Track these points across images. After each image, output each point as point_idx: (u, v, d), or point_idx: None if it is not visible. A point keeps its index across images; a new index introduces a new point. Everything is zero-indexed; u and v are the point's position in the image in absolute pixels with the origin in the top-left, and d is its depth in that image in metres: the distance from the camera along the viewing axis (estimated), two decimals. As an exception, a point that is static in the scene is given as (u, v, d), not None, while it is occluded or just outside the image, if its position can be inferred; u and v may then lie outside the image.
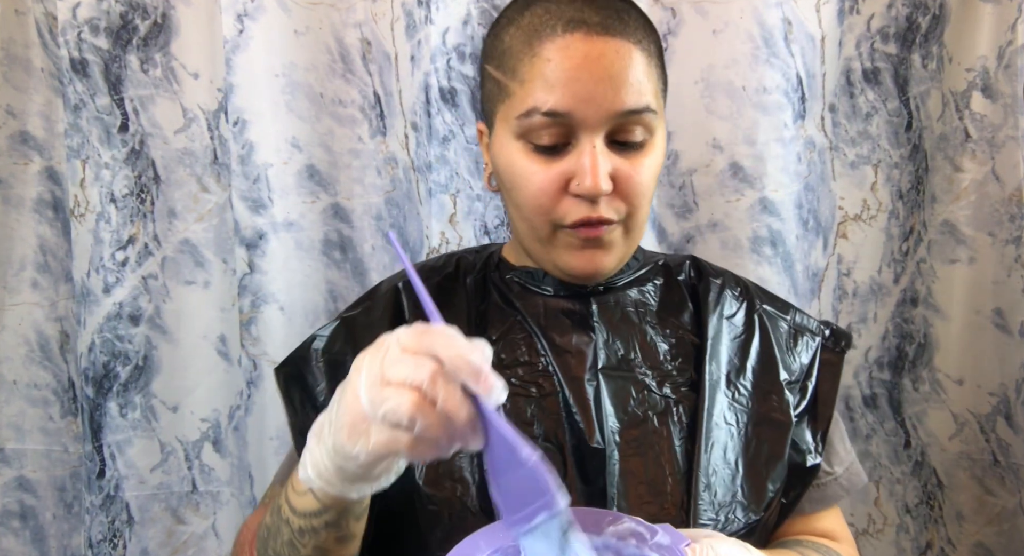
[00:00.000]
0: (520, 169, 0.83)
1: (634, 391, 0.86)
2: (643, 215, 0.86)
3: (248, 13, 1.26)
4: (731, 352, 0.90)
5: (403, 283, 0.95)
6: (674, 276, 0.96)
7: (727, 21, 1.28)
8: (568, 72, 0.79)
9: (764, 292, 0.99)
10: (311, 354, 0.93)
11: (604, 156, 0.81)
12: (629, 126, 0.82)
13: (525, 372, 0.87)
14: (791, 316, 0.96)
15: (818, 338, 0.95)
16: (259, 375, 1.32)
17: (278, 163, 1.29)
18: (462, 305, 0.92)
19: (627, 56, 0.80)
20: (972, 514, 1.36)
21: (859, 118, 1.36)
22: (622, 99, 0.80)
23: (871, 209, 1.38)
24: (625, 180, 0.82)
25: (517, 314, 0.91)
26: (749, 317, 0.93)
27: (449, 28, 1.30)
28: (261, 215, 1.29)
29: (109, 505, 1.37)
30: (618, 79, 0.79)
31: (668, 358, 0.89)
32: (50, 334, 1.39)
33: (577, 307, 0.90)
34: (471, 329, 0.90)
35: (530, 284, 0.92)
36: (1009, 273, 1.30)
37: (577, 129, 0.81)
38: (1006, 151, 1.29)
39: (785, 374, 0.91)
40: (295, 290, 1.32)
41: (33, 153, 1.36)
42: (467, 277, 0.95)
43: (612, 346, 0.88)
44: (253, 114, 1.28)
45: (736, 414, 0.87)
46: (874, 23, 1.34)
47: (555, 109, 0.79)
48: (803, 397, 0.91)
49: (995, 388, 1.33)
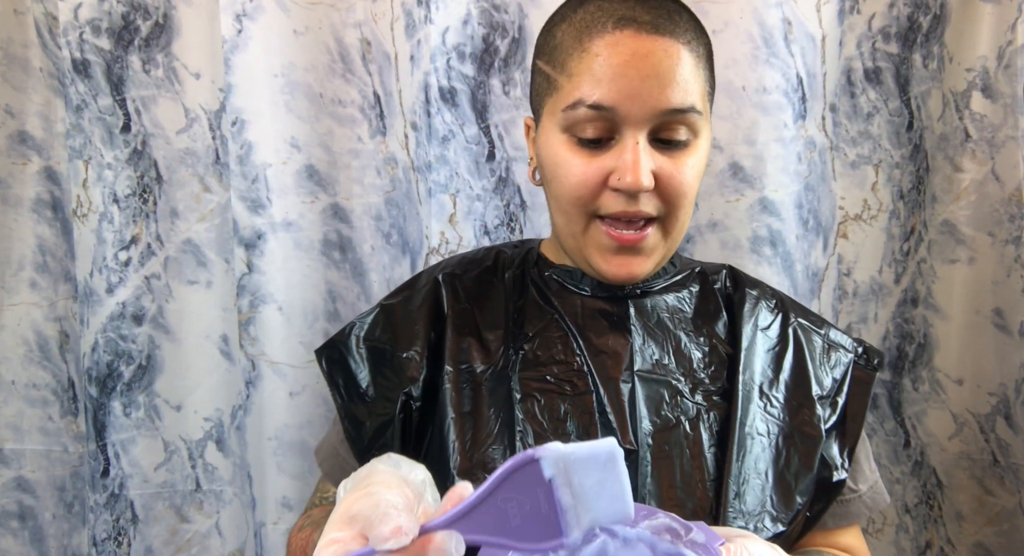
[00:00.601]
0: (563, 161, 0.84)
1: (667, 395, 0.87)
2: (683, 216, 0.86)
3: (247, 13, 1.26)
4: (765, 363, 0.90)
5: (443, 275, 0.96)
6: (710, 284, 0.96)
7: (727, 21, 1.28)
8: (616, 68, 0.80)
9: (798, 306, 0.99)
10: (352, 340, 0.95)
11: (647, 153, 0.81)
12: (673, 125, 0.82)
13: (560, 370, 0.88)
14: (825, 331, 0.96)
15: (851, 355, 0.94)
16: (258, 375, 1.32)
17: (277, 163, 1.29)
18: (500, 300, 0.94)
19: (675, 55, 0.81)
20: (972, 514, 1.36)
21: (860, 118, 1.36)
22: (668, 97, 0.81)
23: (872, 209, 1.39)
24: (667, 179, 0.83)
25: (554, 312, 0.91)
26: (784, 330, 0.93)
27: (449, 27, 1.30)
28: (260, 215, 1.29)
29: (113, 504, 1.38)
30: (665, 77, 0.80)
31: (701, 366, 0.89)
32: (49, 334, 1.39)
33: (614, 309, 0.91)
34: (508, 324, 0.91)
35: (568, 282, 0.93)
36: (1009, 273, 1.30)
37: (621, 125, 0.81)
38: (1006, 151, 1.29)
39: (817, 389, 0.91)
40: (294, 290, 1.32)
41: (32, 153, 1.35)
42: (505, 272, 0.96)
43: (647, 349, 0.89)
44: (252, 114, 1.28)
45: (768, 425, 0.87)
46: (875, 23, 1.34)
47: (600, 103, 0.80)
48: (833, 413, 0.90)
49: (995, 388, 1.33)
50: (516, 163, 1.32)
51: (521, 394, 0.86)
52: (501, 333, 0.91)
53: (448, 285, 0.95)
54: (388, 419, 0.89)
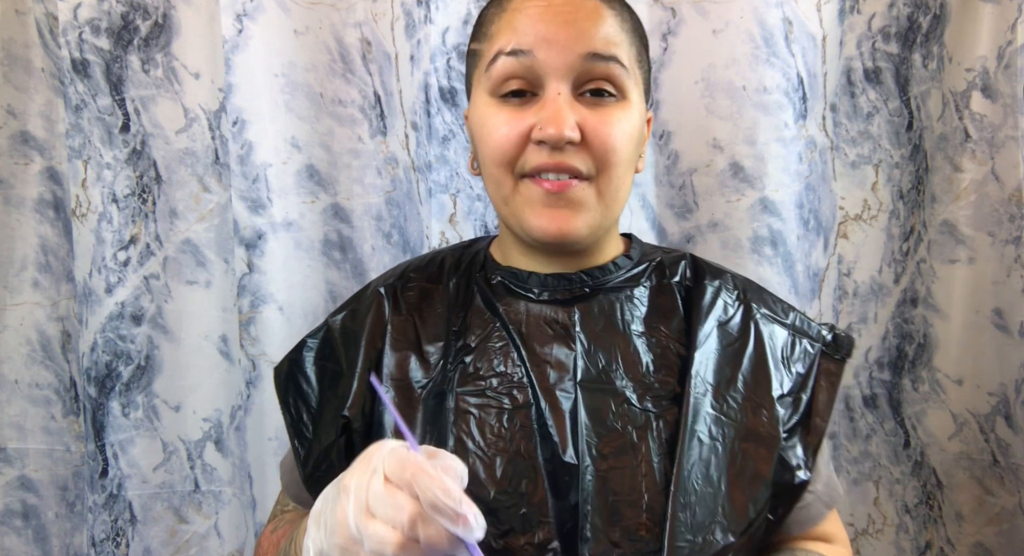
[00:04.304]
0: (488, 121, 0.83)
1: (613, 405, 0.82)
2: (615, 177, 0.83)
3: (247, 13, 1.26)
4: (722, 362, 0.86)
5: (384, 288, 0.94)
6: (668, 278, 0.92)
7: (727, 21, 1.28)
8: (532, 15, 0.81)
9: (764, 294, 0.94)
10: (304, 358, 0.93)
11: (569, 105, 0.80)
12: (595, 75, 0.81)
13: (500, 383, 0.85)
14: (792, 320, 0.91)
15: (818, 344, 0.90)
16: (258, 375, 1.32)
17: (277, 163, 1.29)
18: (443, 310, 0.91)
19: (594, 8, 0.82)
20: (971, 514, 1.36)
21: (860, 118, 1.36)
22: (586, 42, 0.80)
23: (872, 209, 1.38)
24: (592, 131, 0.80)
25: (497, 320, 0.88)
26: (745, 323, 0.89)
27: (449, 27, 1.30)
28: (260, 215, 1.29)
29: (112, 504, 1.38)
30: (583, 24, 0.80)
31: (651, 370, 0.85)
32: (51, 334, 1.39)
33: (560, 316, 0.87)
34: (449, 337, 0.88)
35: (514, 284, 0.90)
36: (1009, 273, 1.30)
37: (543, 76, 0.81)
38: (1006, 151, 1.29)
39: (778, 387, 0.86)
40: (294, 290, 1.33)
41: (34, 153, 1.36)
42: (450, 280, 0.93)
43: (593, 357, 0.85)
44: (252, 114, 1.28)
45: (723, 428, 0.82)
46: (875, 23, 1.34)
47: (518, 47, 0.80)
48: (796, 410, 0.86)
49: (995, 388, 1.33)
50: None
51: (456, 412, 0.83)
52: (441, 346, 0.88)
53: (390, 297, 0.93)
54: (331, 442, 0.87)
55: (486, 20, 0.87)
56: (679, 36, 1.31)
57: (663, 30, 1.32)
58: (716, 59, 1.29)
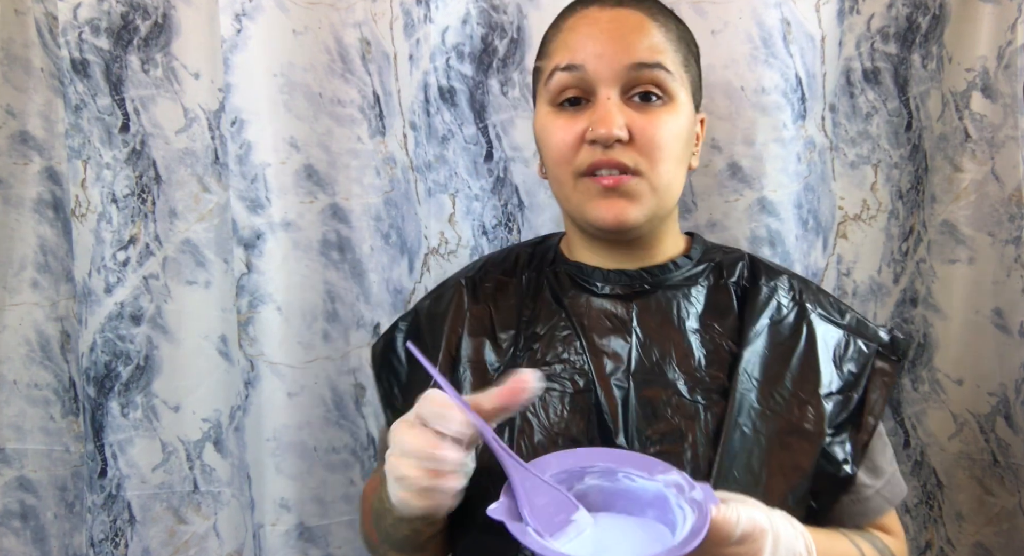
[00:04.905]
0: (548, 127, 0.94)
1: (664, 395, 0.89)
2: (665, 172, 0.91)
3: (246, 12, 1.25)
4: (772, 359, 0.91)
5: (465, 279, 1.05)
6: (726, 278, 0.98)
7: (726, 21, 1.28)
8: (583, 33, 0.92)
9: (820, 296, 0.99)
10: (395, 338, 1.06)
11: (618, 108, 0.89)
12: (642, 81, 0.90)
13: (563, 369, 0.93)
14: (848, 320, 0.96)
15: (873, 345, 0.94)
16: (256, 376, 1.31)
17: (276, 163, 1.28)
18: (515, 301, 1.00)
19: (639, 22, 0.92)
20: (971, 514, 1.36)
21: (859, 118, 1.36)
22: (632, 53, 0.90)
23: (871, 209, 1.38)
24: (640, 131, 0.89)
25: (563, 312, 0.96)
26: (798, 323, 0.94)
27: (448, 27, 1.30)
28: (259, 215, 1.29)
29: (111, 504, 1.37)
30: (629, 37, 0.90)
31: (703, 365, 0.91)
32: (51, 334, 1.40)
33: (619, 310, 0.95)
34: (520, 325, 0.98)
35: (580, 278, 0.98)
36: (1009, 273, 1.30)
37: (594, 84, 0.91)
38: (1006, 151, 1.29)
39: (827, 384, 0.91)
40: (293, 290, 1.32)
41: (33, 153, 1.36)
42: (523, 273, 1.03)
43: (648, 350, 0.92)
44: (251, 114, 1.27)
45: (767, 422, 0.87)
46: (874, 23, 1.34)
47: (571, 62, 0.91)
48: (845, 408, 0.91)
49: (995, 388, 1.33)
50: (514, 163, 1.32)
51: None
52: (513, 333, 0.97)
53: (469, 288, 1.03)
54: None
55: (547, 40, 0.98)
56: (678, 36, 1.31)
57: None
58: (715, 59, 1.29)
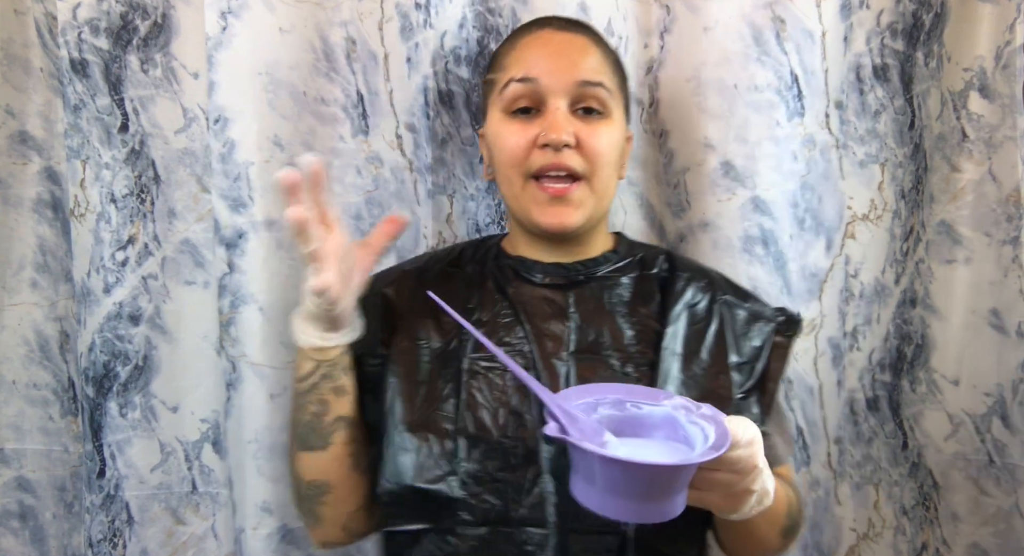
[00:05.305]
0: (502, 132, 1.06)
1: (600, 370, 1.01)
2: (605, 177, 1.05)
3: (232, 10, 1.24)
4: (689, 336, 1.05)
5: (412, 268, 1.15)
6: (648, 269, 1.11)
7: (718, 19, 1.28)
8: (537, 51, 1.05)
9: (728, 283, 1.13)
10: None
11: (565, 118, 1.02)
12: (586, 97, 1.03)
13: (506, 351, 0.99)
14: (749, 304, 1.10)
15: (772, 324, 1.09)
16: (238, 377, 1.29)
17: (260, 162, 1.27)
18: (460, 289, 1.09)
19: (585, 46, 1.06)
20: (967, 515, 1.36)
21: (868, 115, 1.35)
22: (579, 72, 1.03)
23: (878, 209, 1.37)
24: (584, 139, 1.02)
25: (506, 300, 1.07)
26: (710, 306, 1.08)
27: (447, 32, 1.30)
28: (241, 214, 1.27)
29: (109, 505, 1.37)
30: (576, 57, 1.04)
31: (632, 342, 1.04)
32: (50, 334, 1.40)
33: (557, 298, 1.07)
34: (464, 313, 1.03)
35: (522, 270, 1.10)
36: (1006, 273, 1.30)
37: (545, 95, 1.03)
38: (1003, 151, 1.29)
39: (735, 357, 1.05)
40: (275, 290, 1.29)
41: (32, 153, 1.36)
42: (467, 266, 1.13)
43: (585, 332, 1.04)
44: (235, 112, 1.26)
45: (687, 390, 1.00)
46: (884, 18, 1.33)
47: (526, 75, 1.03)
48: (751, 376, 1.05)
49: (991, 388, 1.33)
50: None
51: (468, 372, 1.01)
52: None
53: (415, 277, 1.12)
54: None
55: (500, 54, 1.10)
56: (673, 34, 1.32)
57: (660, 29, 1.33)
58: (707, 57, 1.29)
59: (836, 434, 1.40)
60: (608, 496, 0.80)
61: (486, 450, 0.96)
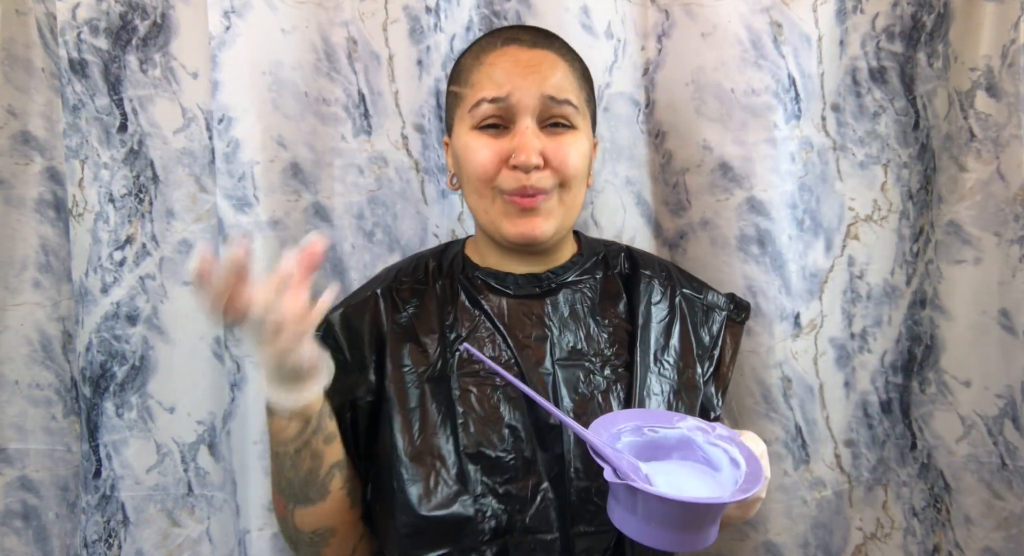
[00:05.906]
0: (472, 146, 1.05)
1: (582, 376, 1.05)
2: (576, 189, 1.06)
3: (235, 10, 1.25)
4: (658, 334, 1.09)
5: (382, 289, 1.11)
6: (611, 269, 1.14)
7: (715, 24, 1.29)
8: (506, 70, 1.04)
9: (684, 275, 1.18)
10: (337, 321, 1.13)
11: (535, 136, 1.02)
12: (554, 114, 1.04)
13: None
14: (703, 296, 1.16)
15: (724, 312, 1.16)
16: (243, 378, 1.30)
17: (264, 161, 1.27)
18: (435, 308, 1.10)
19: (554, 62, 1.06)
20: (980, 518, 1.34)
21: (867, 117, 1.35)
22: (547, 88, 1.03)
23: (882, 210, 1.37)
24: (552, 154, 1.03)
25: (482, 314, 1.08)
26: (672, 302, 1.12)
27: (455, 35, 1.30)
28: (246, 213, 1.28)
29: (104, 505, 1.37)
30: (544, 74, 1.04)
31: (608, 346, 1.08)
32: (52, 334, 1.40)
33: (534, 308, 1.09)
34: (442, 329, 1.07)
35: (494, 283, 1.10)
36: (1015, 273, 1.29)
37: (514, 112, 1.03)
38: (1011, 150, 1.28)
39: (698, 348, 1.11)
40: None
41: (34, 153, 1.37)
42: (436, 281, 1.12)
43: (563, 339, 1.07)
44: (239, 111, 1.26)
45: (662, 385, 1.06)
46: (879, 22, 1.33)
47: (496, 96, 1.03)
48: (710, 364, 1.12)
49: (1002, 390, 1.31)
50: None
51: (459, 390, 1.02)
52: (437, 337, 1.07)
53: (387, 298, 1.11)
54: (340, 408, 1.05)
55: (465, 68, 1.09)
56: (672, 38, 1.33)
57: (658, 32, 1.33)
58: (705, 61, 1.30)
59: (848, 437, 1.39)
60: (647, 525, 0.85)
61: (489, 466, 0.98)
